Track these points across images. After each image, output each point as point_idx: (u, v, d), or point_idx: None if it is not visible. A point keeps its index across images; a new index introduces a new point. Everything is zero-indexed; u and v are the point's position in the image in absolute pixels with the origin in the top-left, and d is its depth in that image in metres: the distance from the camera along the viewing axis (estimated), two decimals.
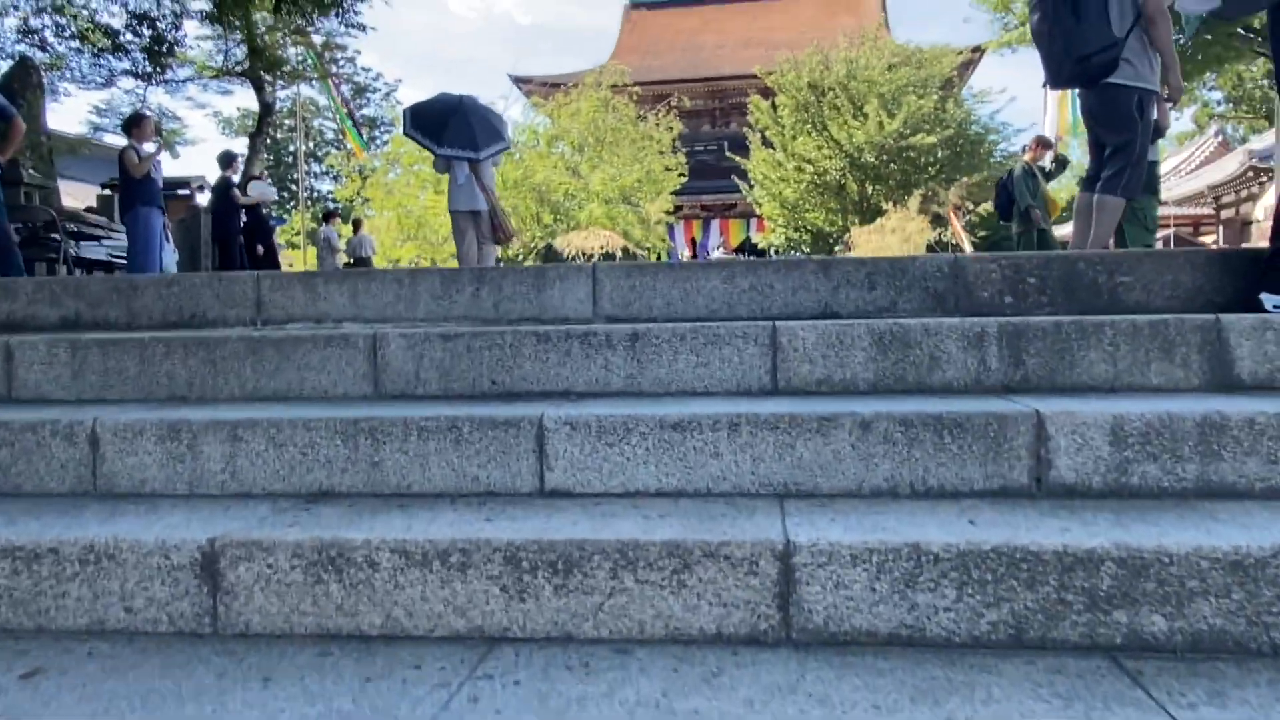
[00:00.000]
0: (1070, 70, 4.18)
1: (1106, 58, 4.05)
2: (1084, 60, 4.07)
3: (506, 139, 7.92)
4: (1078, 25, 4.05)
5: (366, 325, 3.03)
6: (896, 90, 26.16)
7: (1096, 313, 2.74)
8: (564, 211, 25.53)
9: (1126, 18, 4.11)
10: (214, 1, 14.17)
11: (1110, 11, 4.05)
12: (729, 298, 2.89)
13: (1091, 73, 4.12)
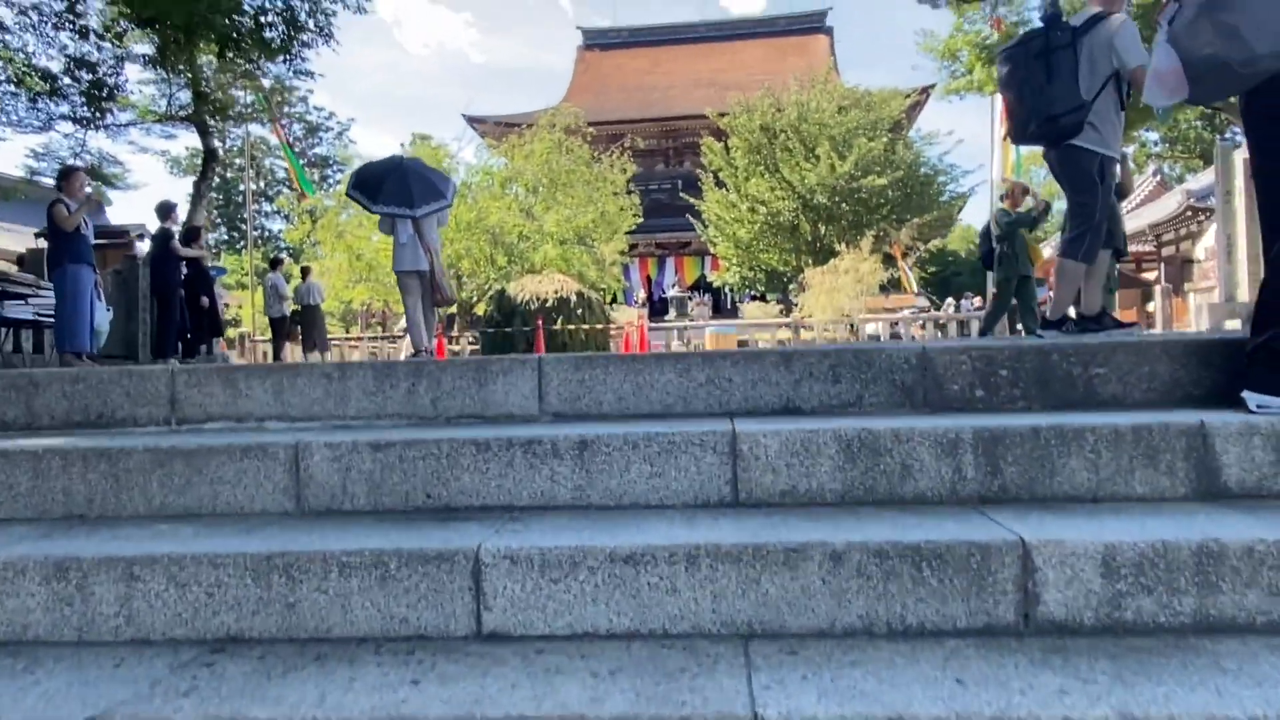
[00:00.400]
0: (1037, 128, 4.13)
1: (1074, 119, 4.02)
2: (1052, 120, 4.03)
3: (448, 198, 7.77)
4: (1048, 84, 4.01)
5: (292, 425, 2.79)
6: (847, 132, 26.55)
7: (1072, 406, 2.60)
8: (518, 253, 25.34)
9: (1095, 81, 4.07)
10: (157, 46, 13.82)
11: (1080, 74, 4.01)
12: (684, 392, 2.70)
13: (1057, 133, 4.08)
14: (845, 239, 26.20)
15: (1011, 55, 4.27)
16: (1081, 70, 4.02)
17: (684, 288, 44.80)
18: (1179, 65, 2.77)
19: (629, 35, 58.84)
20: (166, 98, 16.21)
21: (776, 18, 59.89)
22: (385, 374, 2.77)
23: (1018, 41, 4.34)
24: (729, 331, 22.97)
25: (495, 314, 17.32)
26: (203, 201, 15.51)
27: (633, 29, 59.61)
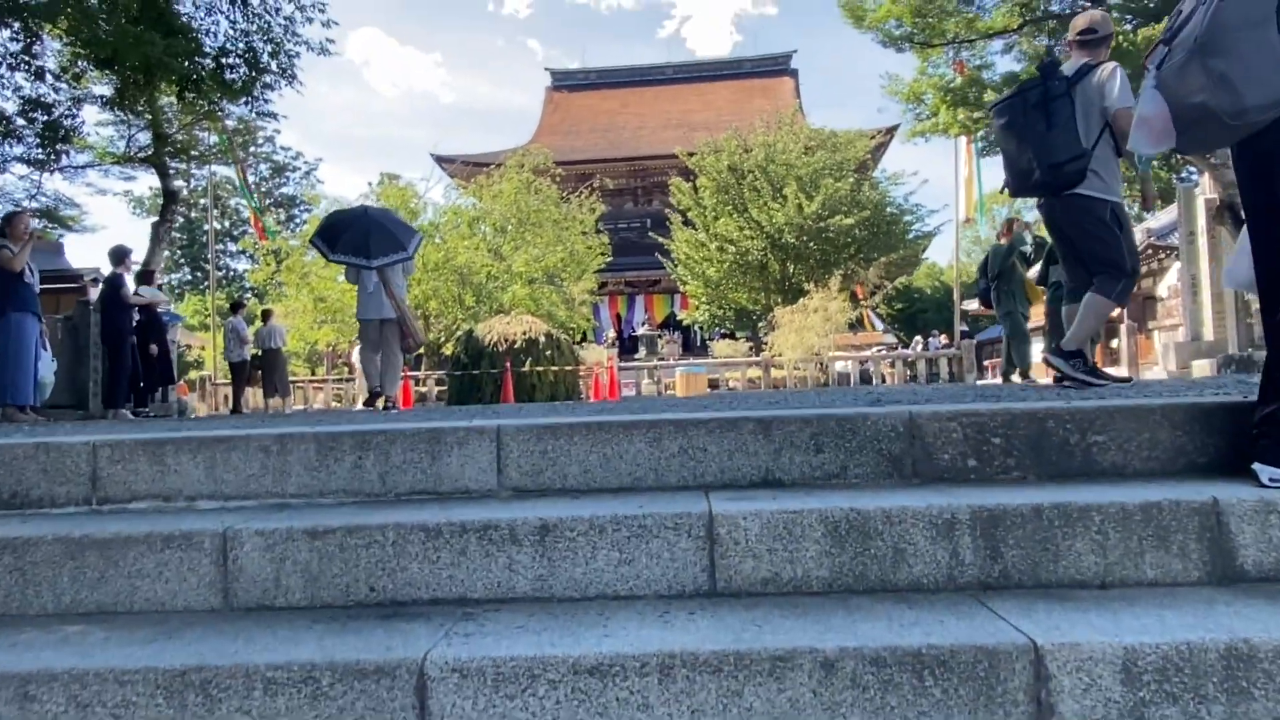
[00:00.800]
0: (1042, 178, 4.05)
1: (1077, 167, 3.97)
2: (1056, 168, 3.96)
3: (408, 250, 7.69)
4: (1049, 132, 3.95)
5: (225, 504, 2.54)
6: (814, 173, 26.79)
7: (1070, 476, 2.43)
8: (486, 293, 25.13)
9: (1093, 129, 4.03)
10: (115, 87, 13.54)
11: (1077, 122, 3.96)
12: (656, 463, 2.50)
13: (1063, 181, 4.00)
14: (813, 278, 26.29)
15: (1009, 106, 4.20)
16: (1078, 118, 3.98)
17: (654, 326, 44.78)
18: (1166, 111, 2.66)
19: (597, 76, 59.43)
20: (125, 139, 15.92)
21: (743, 60, 60.83)
22: (330, 447, 2.53)
23: (1014, 93, 4.29)
24: (699, 371, 22.83)
25: (463, 356, 17.04)
26: (162, 244, 15.13)
27: (600, 70, 60.22)
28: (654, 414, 2.69)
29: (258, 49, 11.91)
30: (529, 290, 25.66)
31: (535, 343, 16.83)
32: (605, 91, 57.21)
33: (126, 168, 16.51)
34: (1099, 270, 4.21)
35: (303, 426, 2.70)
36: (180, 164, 17.78)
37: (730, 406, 3.92)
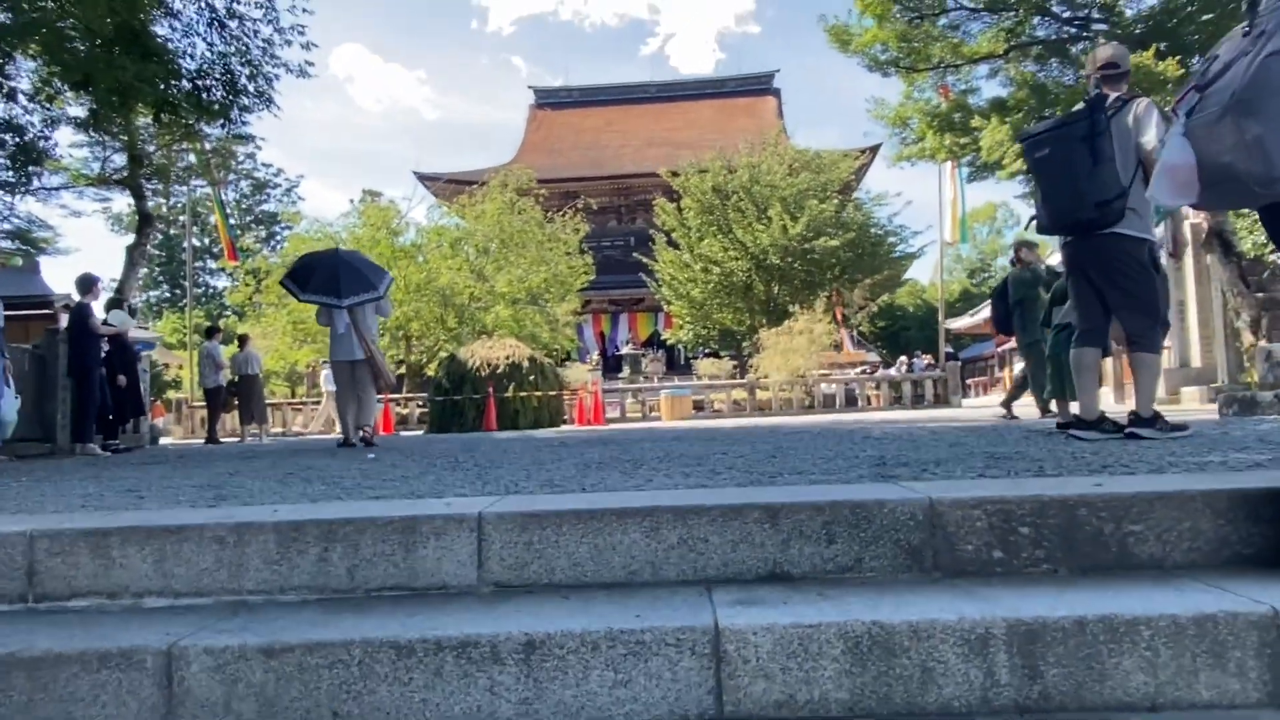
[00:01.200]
0: (1088, 215, 3.90)
1: (1120, 206, 3.84)
2: (1104, 205, 3.79)
3: (379, 290, 7.74)
4: (1095, 168, 3.79)
5: (175, 601, 2.29)
6: (798, 194, 26.78)
7: (1104, 570, 2.23)
8: (469, 315, 24.87)
9: (1129, 166, 3.89)
10: (90, 109, 13.24)
11: (1115, 159, 3.83)
12: (652, 556, 2.28)
13: (1108, 219, 3.83)
14: (798, 299, 26.23)
15: (1052, 137, 4.04)
16: (1116, 156, 3.84)
17: (638, 344, 44.63)
18: (1194, 163, 2.48)
19: (581, 94, 59.54)
20: (101, 160, 15.63)
21: (726, 79, 61.14)
22: (291, 539, 2.30)
23: (1057, 124, 4.12)
24: (683, 394, 22.65)
25: (445, 381, 16.78)
26: (137, 267, 14.83)
27: (584, 88, 60.36)
28: (649, 499, 2.46)
29: (235, 71, 11.64)
30: (512, 311, 25.43)
31: (518, 367, 16.60)
32: (589, 109, 57.24)
33: (102, 189, 16.18)
34: (1136, 319, 4.06)
35: (262, 514, 2.45)
36: (157, 185, 17.45)
37: (723, 453, 3.67)
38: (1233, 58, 2.35)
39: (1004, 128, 12.16)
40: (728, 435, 6.84)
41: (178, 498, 3.43)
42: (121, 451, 9.63)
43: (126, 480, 4.51)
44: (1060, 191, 4.01)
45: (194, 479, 4.35)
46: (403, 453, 6.37)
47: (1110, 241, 4.00)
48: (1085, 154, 3.86)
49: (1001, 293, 8.97)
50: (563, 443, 6.62)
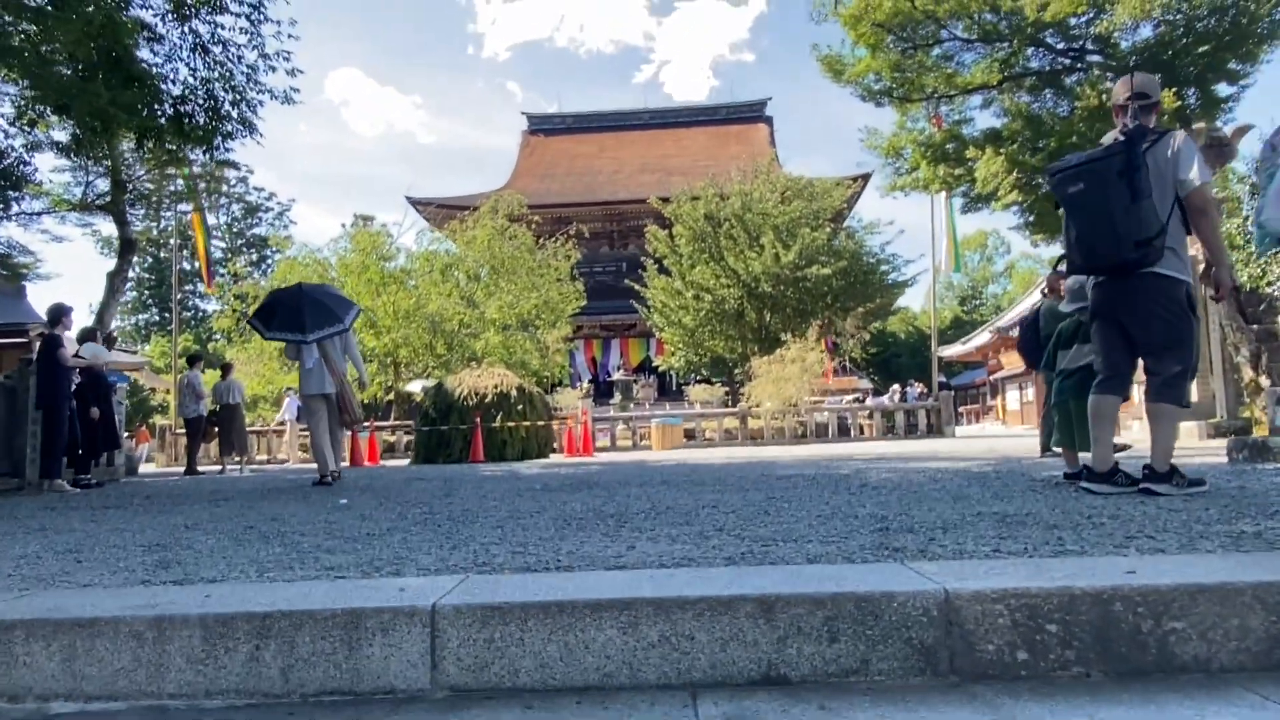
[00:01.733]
0: (1127, 255, 3.67)
1: (1160, 244, 3.63)
2: (1144, 244, 3.56)
3: (345, 323, 7.81)
4: (1134, 205, 3.56)
5: (85, 706, 2.00)
6: (790, 222, 26.68)
7: (1142, 673, 1.96)
8: (458, 342, 24.61)
9: (1166, 202, 3.66)
10: (73, 134, 13.02)
11: (1154, 195, 3.61)
12: (630, 656, 2.00)
13: (1148, 259, 3.65)
14: (790, 327, 26.07)
15: (1087, 172, 3.82)
16: (1154, 191, 3.62)
17: (629, 370, 44.45)
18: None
19: (574, 121, 59.81)
20: (83, 186, 15.38)
21: (718, 106, 61.53)
22: (218, 635, 2.02)
23: (1094, 157, 3.90)
24: (675, 423, 22.38)
25: (431, 410, 16.45)
26: (118, 294, 14.52)
27: (577, 115, 60.63)
28: (627, 585, 2.18)
29: (219, 97, 11.44)
30: (502, 338, 25.19)
31: (506, 397, 16.29)
32: (582, 136, 57.43)
33: (84, 214, 15.92)
34: (1166, 365, 3.81)
35: (190, 603, 2.16)
36: (140, 211, 17.21)
37: (713, 506, 3.38)
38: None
39: (999, 159, 12.02)
40: (718, 477, 6.57)
41: (119, 563, 3.15)
42: (93, 487, 9.30)
43: (75, 534, 4.21)
44: (1096, 229, 3.78)
45: (146, 534, 4.06)
46: (377, 495, 6.08)
47: (1149, 282, 3.77)
48: (1123, 190, 3.65)
49: (1032, 324, 8.63)
50: (545, 486, 6.33)
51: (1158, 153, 3.78)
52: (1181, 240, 3.81)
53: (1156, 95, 4.07)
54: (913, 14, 12.58)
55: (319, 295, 8.01)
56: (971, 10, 12.25)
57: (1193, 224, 3.78)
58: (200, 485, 9.51)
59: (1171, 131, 3.86)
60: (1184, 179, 3.72)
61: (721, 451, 18.03)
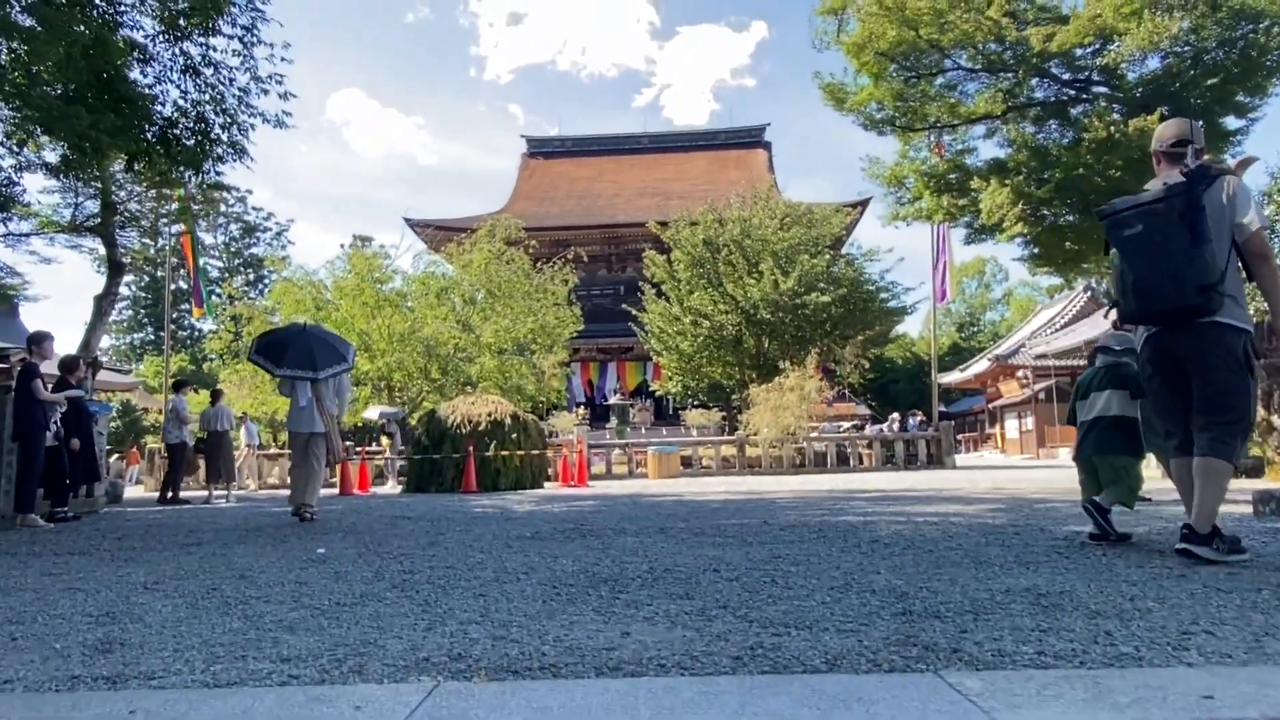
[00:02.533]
0: (1190, 301, 3.43)
1: (1223, 290, 3.41)
2: (1207, 290, 3.31)
3: (348, 361, 8.32)
4: (1195, 249, 3.31)
5: None
6: (789, 249, 26.50)
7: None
8: (453, 366, 24.31)
9: (1224, 246, 3.42)
10: (62, 156, 12.80)
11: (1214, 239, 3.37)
12: None
13: (1211, 306, 3.42)
14: (788, 354, 25.82)
15: (1148, 214, 3.59)
16: (1211, 235, 3.39)
17: (626, 394, 44.16)
18: None
19: (574, 144, 59.98)
20: (73, 207, 15.13)
21: (717, 131, 61.79)
22: None
23: (1153, 198, 3.66)
24: (672, 451, 22.04)
25: (424, 438, 16.14)
26: (105, 318, 14.23)
27: (577, 138, 60.84)
28: (621, 708, 1.87)
29: (210, 120, 11.22)
30: (498, 362, 24.90)
31: (500, 424, 15.98)
32: (581, 159, 57.52)
33: (74, 236, 15.66)
34: (1222, 419, 3.56)
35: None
36: (133, 232, 16.92)
37: (715, 569, 3.08)
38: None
39: (1004, 190, 11.80)
40: (717, 525, 6.26)
41: (56, 642, 2.84)
42: (69, 520, 8.98)
43: (24, 594, 3.90)
44: (1155, 274, 3.54)
45: (100, 596, 3.74)
46: (359, 542, 5.76)
47: (1209, 332, 3.53)
48: (1184, 233, 3.41)
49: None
50: (536, 533, 6.02)
51: (1213, 195, 3.54)
52: (1239, 287, 3.59)
53: (1200, 142, 3.84)
54: (916, 43, 12.41)
55: (322, 335, 8.56)
56: (976, 40, 12.09)
57: (1253, 269, 3.56)
58: (180, 520, 9.17)
59: (1225, 174, 3.63)
60: (1242, 222, 3.51)
61: (719, 482, 17.72)
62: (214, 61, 10.87)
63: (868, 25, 12.19)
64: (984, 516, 6.39)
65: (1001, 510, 6.95)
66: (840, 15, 13.46)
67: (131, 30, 10.81)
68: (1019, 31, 12.19)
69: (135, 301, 63.49)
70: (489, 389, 24.61)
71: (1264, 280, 3.53)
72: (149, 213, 15.93)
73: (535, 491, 14.28)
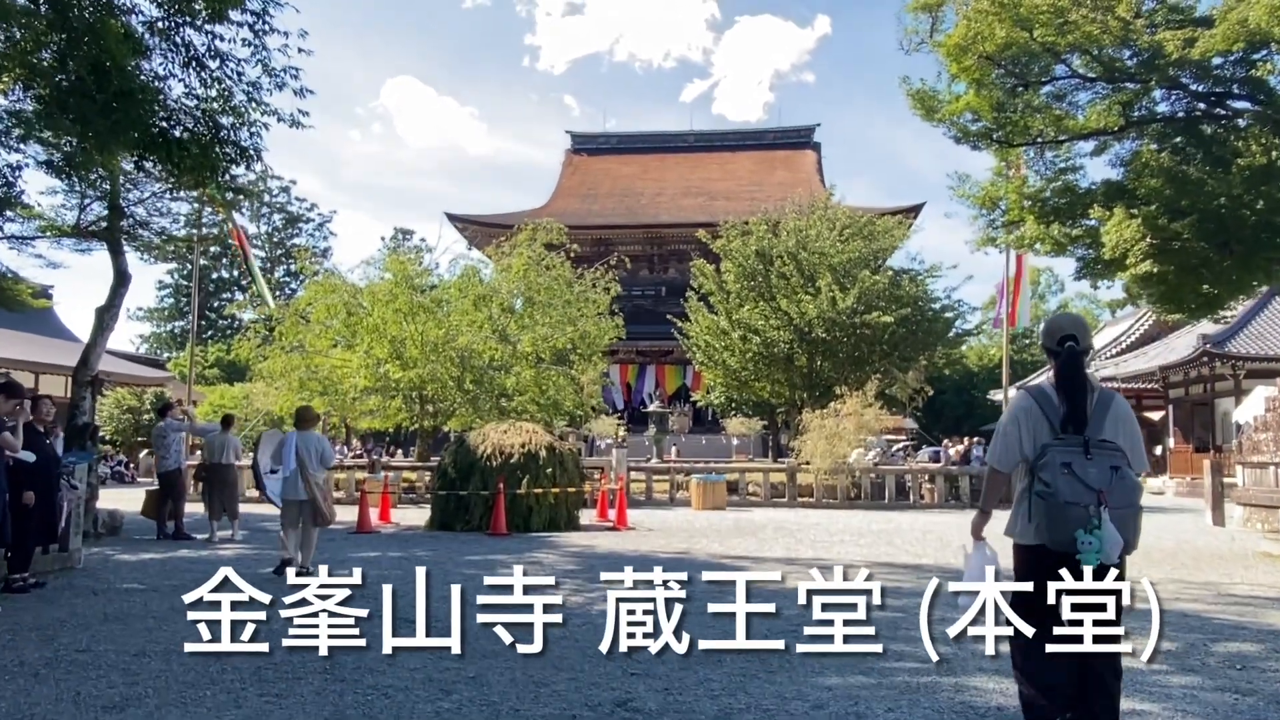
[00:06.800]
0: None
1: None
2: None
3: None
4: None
5: None
6: (848, 263, 24.74)
7: None
8: (487, 379, 22.95)
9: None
10: (65, 155, 11.60)
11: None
12: None
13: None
14: (844, 376, 24.10)
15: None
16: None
17: (665, 399, 42.68)
18: None
19: (618, 141, 58.71)
20: (78, 209, 13.95)
21: (765, 130, 60.16)
22: None
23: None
24: (717, 480, 20.44)
25: (450, 470, 14.73)
26: (106, 333, 13.01)
27: (621, 135, 59.54)
28: None
29: (218, 121, 9.91)
30: (535, 373, 23.53)
31: (535, 457, 14.53)
32: (625, 156, 56.16)
33: (82, 240, 14.48)
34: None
35: None
36: (153, 229, 15.68)
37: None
38: None
39: (1133, 223, 10.05)
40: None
41: None
42: (29, 589, 7.69)
43: None
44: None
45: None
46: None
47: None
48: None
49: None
50: (559, 664, 4.52)
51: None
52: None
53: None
54: (1028, 46, 10.72)
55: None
56: (1101, 43, 10.34)
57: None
58: (159, 584, 7.85)
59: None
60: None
61: (767, 518, 16.16)
62: (220, 52, 9.52)
63: (973, 24, 10.52)
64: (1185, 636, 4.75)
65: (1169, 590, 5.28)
66: (935, 13, 11.77)
67: (130, 15, 9.49)
68: (1151, 36, 10.41)
69: (176, 289, 63.32)
70: (525, 403, 23.24)
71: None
72: (161, 213, 14.61)
73: (570, 542, 12.81)
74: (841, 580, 3.74)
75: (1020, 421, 3.51)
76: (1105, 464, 3.28)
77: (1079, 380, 3.47)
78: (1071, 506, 3.21)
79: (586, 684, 4.67)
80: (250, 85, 9.73)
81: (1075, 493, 3.22)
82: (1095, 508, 3.18)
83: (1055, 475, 3.28)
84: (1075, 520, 3.20)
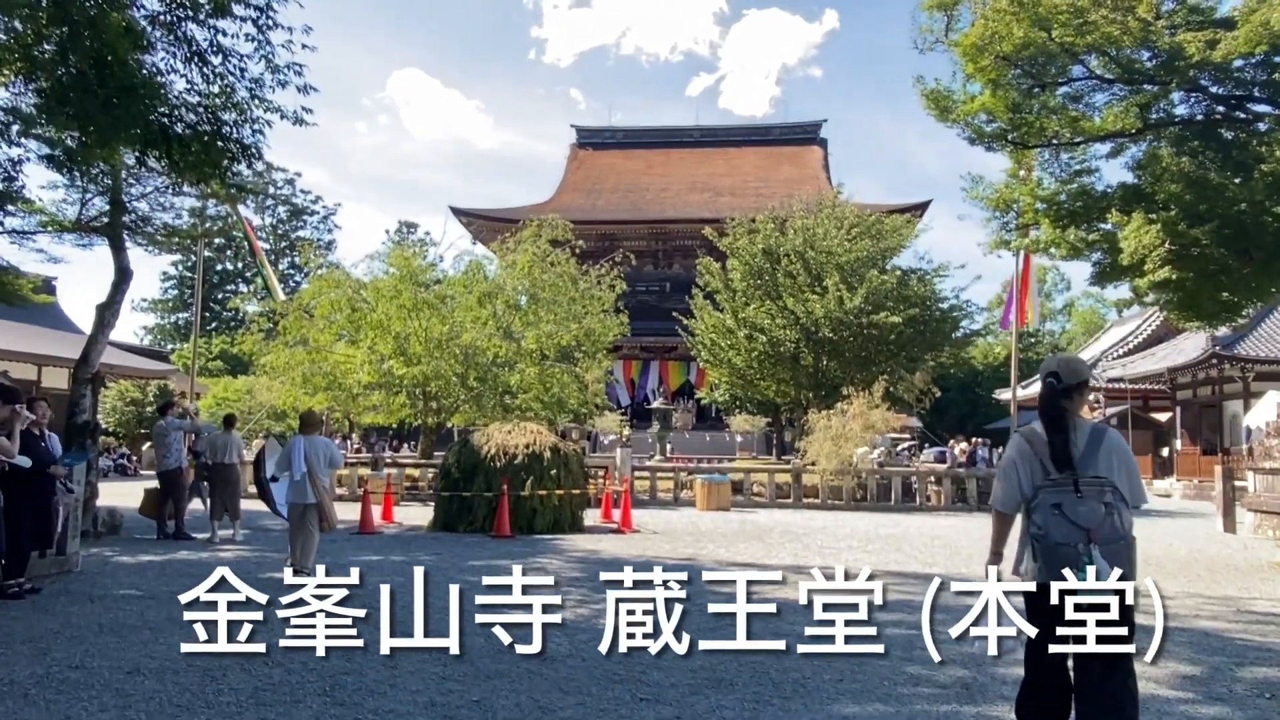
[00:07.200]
0: None
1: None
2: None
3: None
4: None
5: None
6: (856, 262, 24.51)
7: None
8: (491, 377, 22.79)
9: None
10: (66, 149, 11.43)
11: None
12: None
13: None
14: (850, 376, 23.90)
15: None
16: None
17: (669, 395, 42.54)
18: None
19: (624, 136, 58.44)
20: (79, 204, 13.79)
21: (772, 126, 59.88)
22: None
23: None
24: (722, 481, 20.26)
25: (454, 470, 14.57)
26: (106, 330, 12.86)
27: (627, 130, 59.26)
28: None
29: (219, 117, 9.72)
30: (539, 370, 23.36)
31: (539, 458, 14.37)
32: (630, 151, 55.92)
33: (84, 235, 14.33)
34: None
35: None
36: (155, 223, 15.53)
37: None
38: None
39: (1152, 229, 9.85)
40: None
41: None
42: (25, 594, 7.55)
43: None
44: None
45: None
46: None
47: None
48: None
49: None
50: (565, 686, 4.37)
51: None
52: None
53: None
54: (1046, 46, 10.50)
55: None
56: (1121, 44, 10.13)
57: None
58: (157, 590, 7.70)
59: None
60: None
61: (773, 521, 15.98)
62: (223, 49, 9.34)
63: (990, 24, 10.31)
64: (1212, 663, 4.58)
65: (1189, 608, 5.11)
66: (950, 12, 11.55)
67: (132, 9, 9.32)
68: (1172, 37, 10.20)
69: (181, 281, 63.23)
70: (529, 401, 23.09)
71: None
72: (164, 208, 14.45)
73: (574, 545, 12.66)
74: (843, 580, 3.79)
75: (1017, 464, 3.60)
76: (1095, 500, 3.34)
77: (1053, 414, 3.54)
78: (1062, 547, 3.31)
79: (594, 710, 4.52)
80: (253, 82, 9.54)
81: (1065, 534, 3.32)
82: (1085, 545, 3.27)
83: (1046, 517, 3.37)
84: (1066, 560, 3.29)
